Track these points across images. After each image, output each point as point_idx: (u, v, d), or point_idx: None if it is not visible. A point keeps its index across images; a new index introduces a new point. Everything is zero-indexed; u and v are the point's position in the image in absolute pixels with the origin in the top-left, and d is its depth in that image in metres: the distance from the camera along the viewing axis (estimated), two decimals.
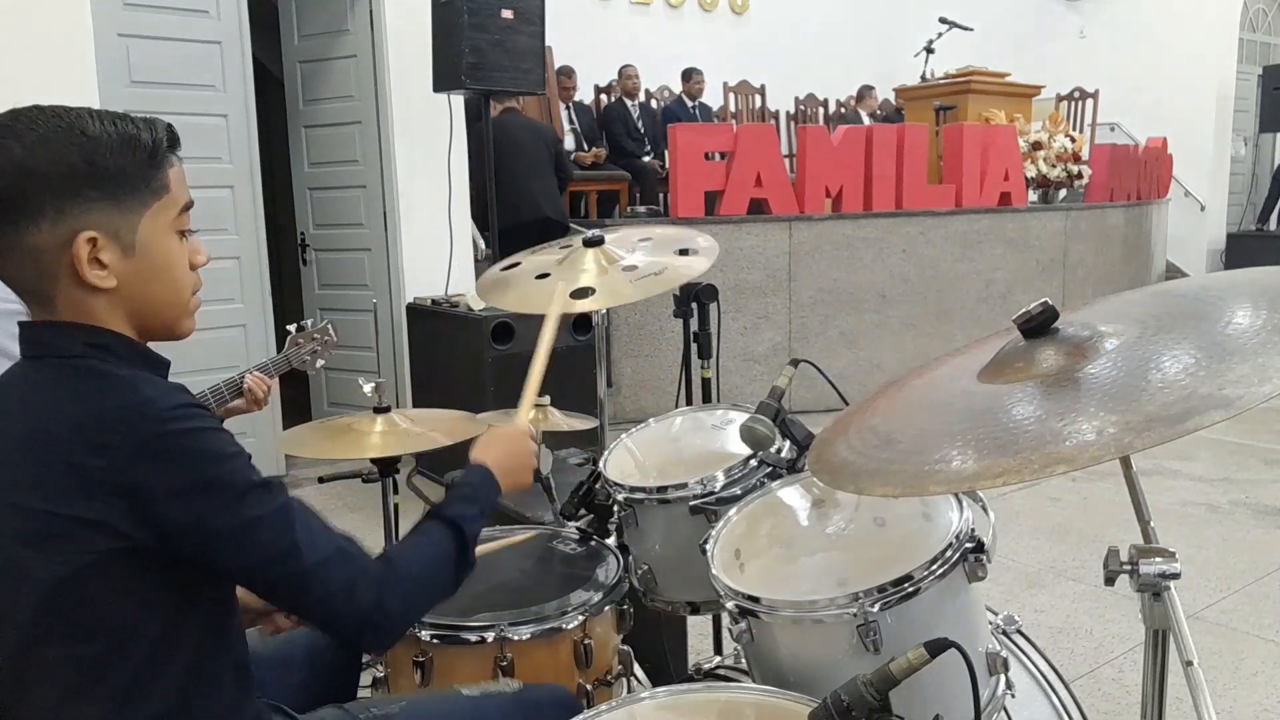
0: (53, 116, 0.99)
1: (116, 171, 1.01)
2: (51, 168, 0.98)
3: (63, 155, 0.98)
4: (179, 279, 1.09)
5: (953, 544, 1.18)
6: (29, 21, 3.84)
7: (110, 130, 1.01)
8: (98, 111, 1.03)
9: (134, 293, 1.05)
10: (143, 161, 1.03)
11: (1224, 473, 4.50)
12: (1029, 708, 1.47)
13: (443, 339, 4.49)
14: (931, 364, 1.28)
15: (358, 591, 1.07)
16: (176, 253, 1.08)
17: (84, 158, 0.99)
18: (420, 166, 5.01)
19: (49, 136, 0.98)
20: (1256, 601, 3.10)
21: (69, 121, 0.99)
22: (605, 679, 1.55)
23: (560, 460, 2.46)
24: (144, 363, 1.07)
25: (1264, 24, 11.01)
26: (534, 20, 4.56)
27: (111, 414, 0.97)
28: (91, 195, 1.00)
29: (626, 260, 1.90)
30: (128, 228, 1.03)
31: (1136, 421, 0.86)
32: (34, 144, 0.97)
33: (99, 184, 1.00)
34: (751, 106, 8.49)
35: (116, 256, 1.02)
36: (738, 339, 5.69)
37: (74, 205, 0.99)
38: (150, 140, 1.04)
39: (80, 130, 0.99)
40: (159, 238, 1.05)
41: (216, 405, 2.27)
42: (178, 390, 1.02)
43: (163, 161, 1.05)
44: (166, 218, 1.06)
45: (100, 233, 1.00)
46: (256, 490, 1.02)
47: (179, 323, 1.11)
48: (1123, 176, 7.65)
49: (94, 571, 0.98)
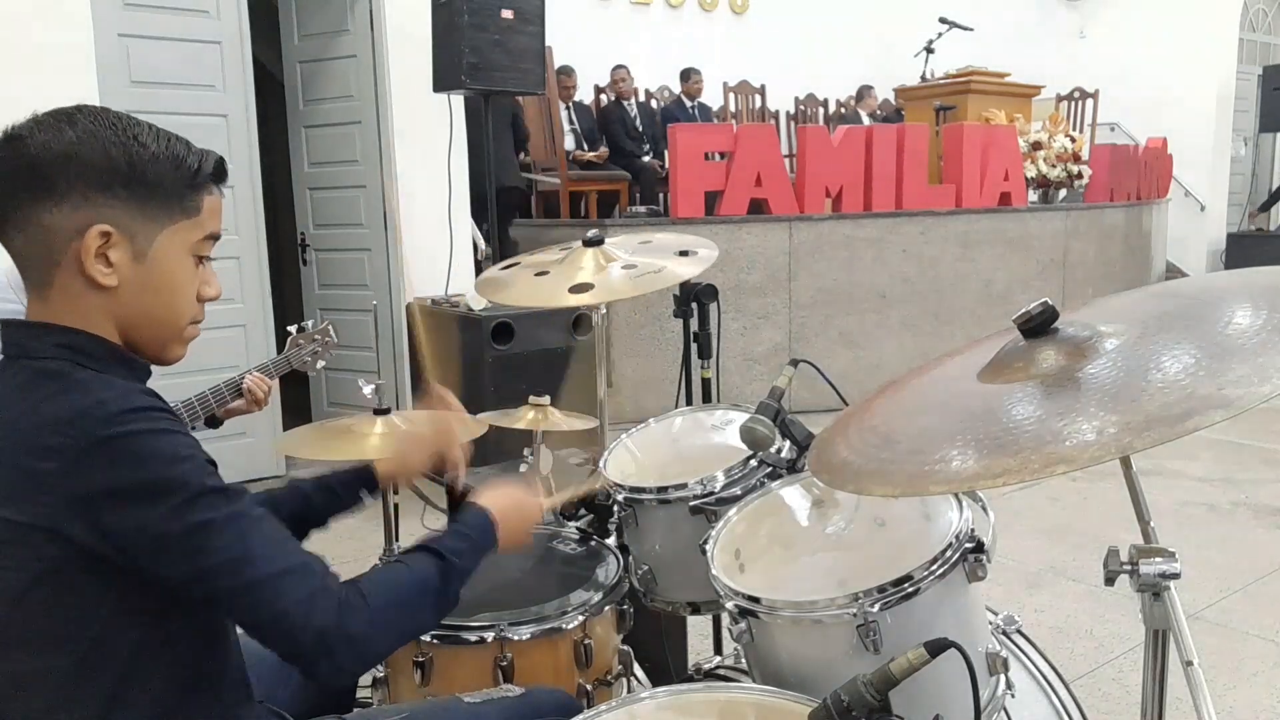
0: (114, 118, 1.04)
1: (152, 179, 1.03)
2: (93, 157, 1.00)
3: (108, 150, 1.01)
4: (180, 301, 1.09)
5: (953, 544, 1.18)
6: (29, 21, 3.84)
7: (161, 144, 1.05)
8: (160, 130, 1.07)
9: (131, 299, 1.05)
10: (181, 179, 1.05)
11: (1224, 473, 4.50)
12: (1029, 708, 1.47)
13: (443, 339, 4.49)
14: (931, 364, 1.28)
15: (316, 609, 0.99)
16: (186, 274, 1.08)
17: (126, 159, 1.02)
18: (420, 166, 5.01)
19: (101, 132, 1.02)
20: (1256, 601, 3.10)
21: (126, 126, 1.03)
22: (605, 679, 1.55)
23: (560, 460, 2.46)
24: (120, 366, 1.05)
25: (1264, 24, 11.01)
26: (534, 20, 4.57)
27: (62, 416, 0.96)
28: (121, 194, 1.02)
29: (625, 259, 1.90)
30: (145, 235, 1.04)
31: (1136, 422, 0.86)
32: (85, 134, 1.01)
33: (131, 185, 1.02)
34: (751, 106, 8.49)
35: (125, 258, 1.03)
36: (738, 339, 5.69)
37: (100, 197, 1.01)
38: (195, 164, 1.07)
39: (134, 136, 1.03)
40: (173, 254, 1.06)
41: (217, 405, 2.27)
42: (138, 393, 1.00)
43: (201, 186, 1.08)
44: (187, 238, 1.07)
45: (116, 230, 1.02)
46: (209, 495, 0.98)
47: (168, 345, 1.11)
48: (1123, 176, 7.65)
49: (51, 580, 0.96)
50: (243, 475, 4.55)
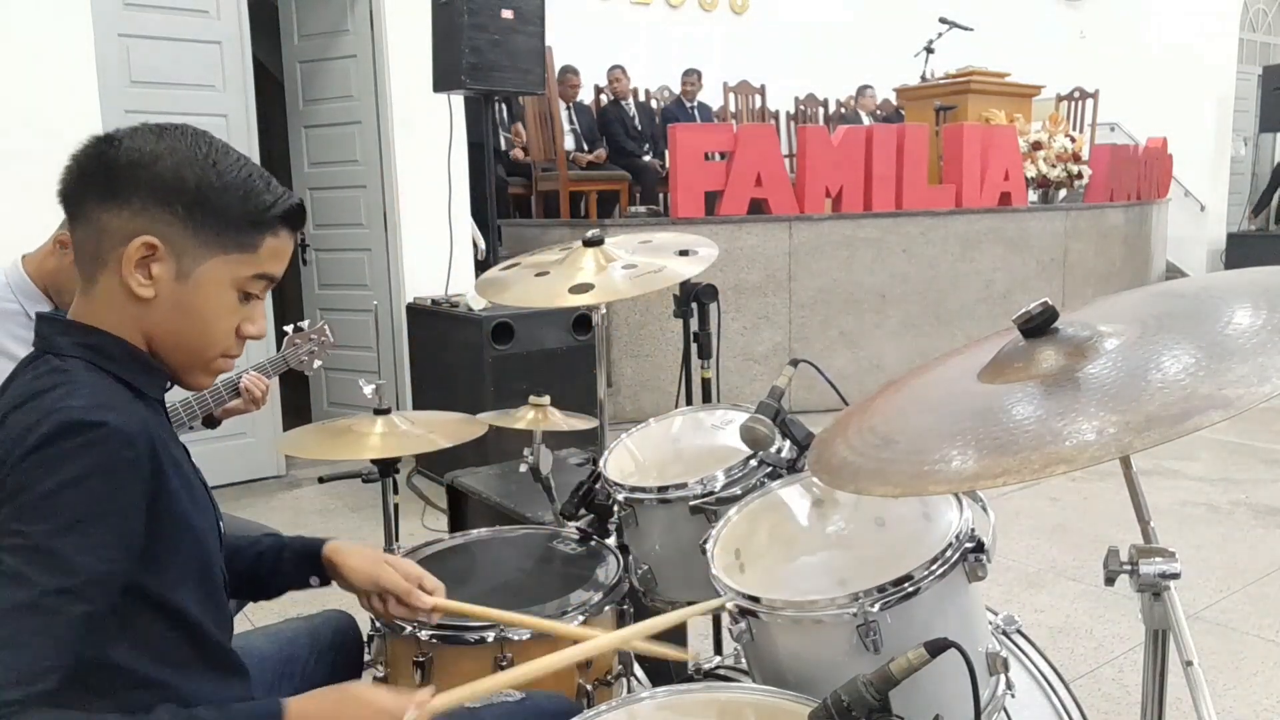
0: (204, 141, 1.06)
1: (216, 206, 1.04)
2: (163, 172, 1.03)
3: (181, 170, 1.04)
4: (214, 330, 1.09)
5: (953, 544, 1.18)
6: (29, 21, 3.84)
7: (239, 175, 1.06)
8: (250, 165, 1.08)
9: (164, 316, 1.06)
10: (246, 214, 1.06)
11: (1224, 473, 4.50)
12: (1029, 708, 1.47)
13: (443, 339, 4.50)
14: (931, 364, 1.28)
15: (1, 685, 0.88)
16: (224, 306, 1.08)
17: (196, 181, 1.03)
18: (420, 166, 5.01)
19: (183, 150, 1.04)
20: (1256, 601, 3.10)
21: (211, 151, 1.05)
22: (605, 679, 1.55)
23: (560, 460, 2.46)
24: (138, 369, 1.06)
25: (1264, 24, 11.01)
26: (534, 20, 4.57)
27: (28, 408, 0.97)
28: (180, 212, 1.03)
29: (625, 259, 1.90)
30: (194, 257, 1.05)
31: (1136, 421, 0.86)
32: (166, 149, 1.04)
33: (192, 207, 1.03)
34: (751, 106, 8.49)
35: (167, 275, 1.04)
36: (738, 339, 5.69)
37: (159, 211, 1.03)
38: (266, 204, 1.07)
39: (213, 162, 1.05)
40: (217, 283, 1.07)
41: (214, 405, 2.27)
42: (115, 410, 0.98)
43: (265, 226, 1.08)
44: (236, 273, 1.07)
45: (164, 245, 1.03)
46: (40, 550, 0.90)
47: (192, 371, 1.11)
48: (1123, 176, 7.65)
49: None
50: (243, 475, 4.56)
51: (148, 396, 1.08)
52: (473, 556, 1.79)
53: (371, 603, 1.35)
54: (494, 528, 1.92)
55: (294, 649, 1.46)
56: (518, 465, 1.94)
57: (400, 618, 1.37)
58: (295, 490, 4.51)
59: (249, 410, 2.34)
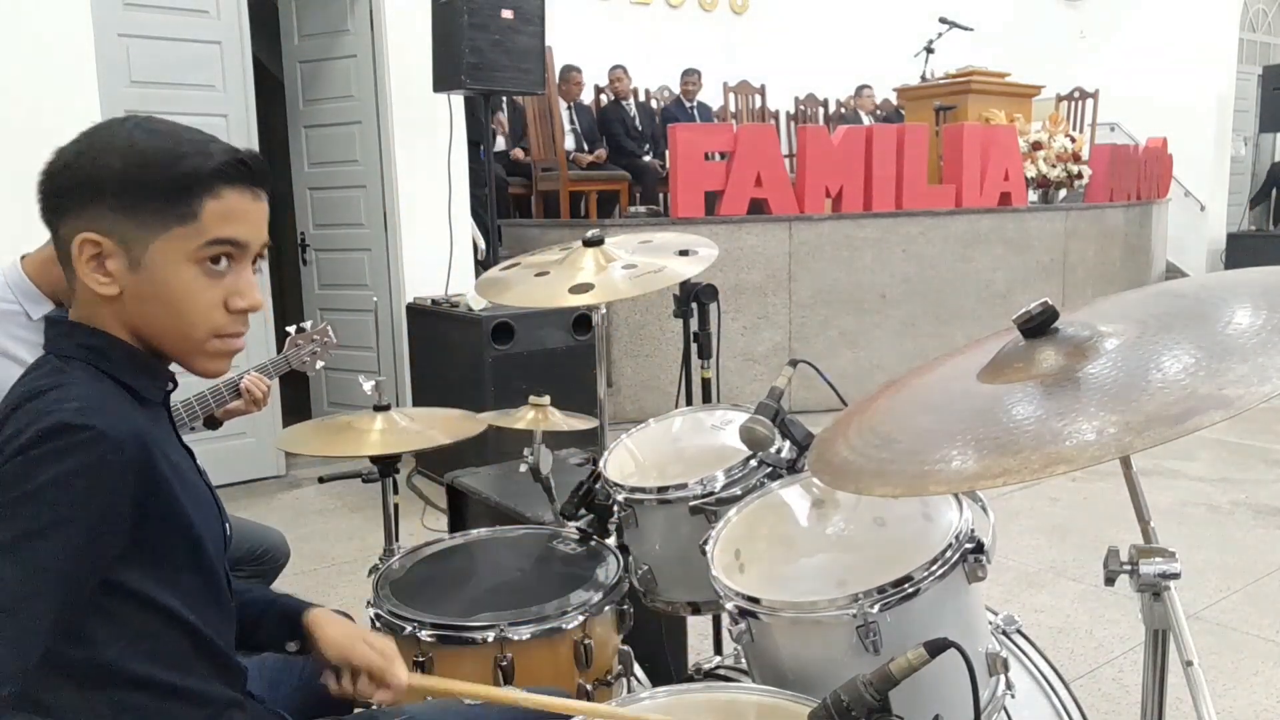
0: (120, 124, 1.03)
1: (145, 185, 1.01)
2: (87, 166, 1.01)
3: (102, 159, 1.01)
4: (188, 311, 1.04)
5: (953, 544, 1.18)
6: (29, 21, 3.84)
7: (163, 145, 1.02)
8: (175, 129, 1.04)
9: (136, 309, 1.04)
10: (174, 180, 1.01)
11: (1224, 473, 4.50)
12: (1029, 708, 1.47)
13: (443, 339, 4.50)
14: (931, 364, 1.28)
15: None
16: (191, 284, 1.04)
17: (124, 167, 1.00)
18: (420, 166, 5.02)
19: (102, 139, 1.02)
20: (1256, 601, 3.10)
21: (131, 130, 1.02)
22: (605, 679, 1.55)
23: (560, 460, 2.45)
24: (138, 370, 1.06)
25: (1264, 24, 11.01)
26: (534, 20, 4.57)
27: (25, 409, 0.97)
28: (112, 202, 1.01)
29: (625, 259, 1.90)
30: (139, 243, 1.02)
31: (1136, 421, 0.86)
32: (87, 145, 1.02)
33: (120, 193, 1.01)
34: (751, 106, 8.49)
35: (122, 267, 1.02)
36: (738, 339, 5.69)
37: (91, 206, 1.01)
38: (194, 164, 1.01)
39: (132, 142, 1.01)
40: (170, 263, 1.03)
41: (215, 406, 2.27)
42: (105, 413, 0.97)
43: (201, 188, 1.02)
44: (185, 246, 1.02)
45: (108, 239, 1.01)
46: (32, 541, 0.91)
47: (191, 357, 1.08)
48: (1123, 176, 7.65)
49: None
50: (243, 475, 4.56)
51: (148, 400, 1.08)
52: (473, 556, 1.79)
53: (340, 682, 1.25)
54: (494, 528, 1.92)
55: None
56: (518, 465, 1.93)
57: (366, 700, 1.28)
58: (295, 490, 4.51)
59: (250, 411, 2.34)
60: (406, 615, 1.49)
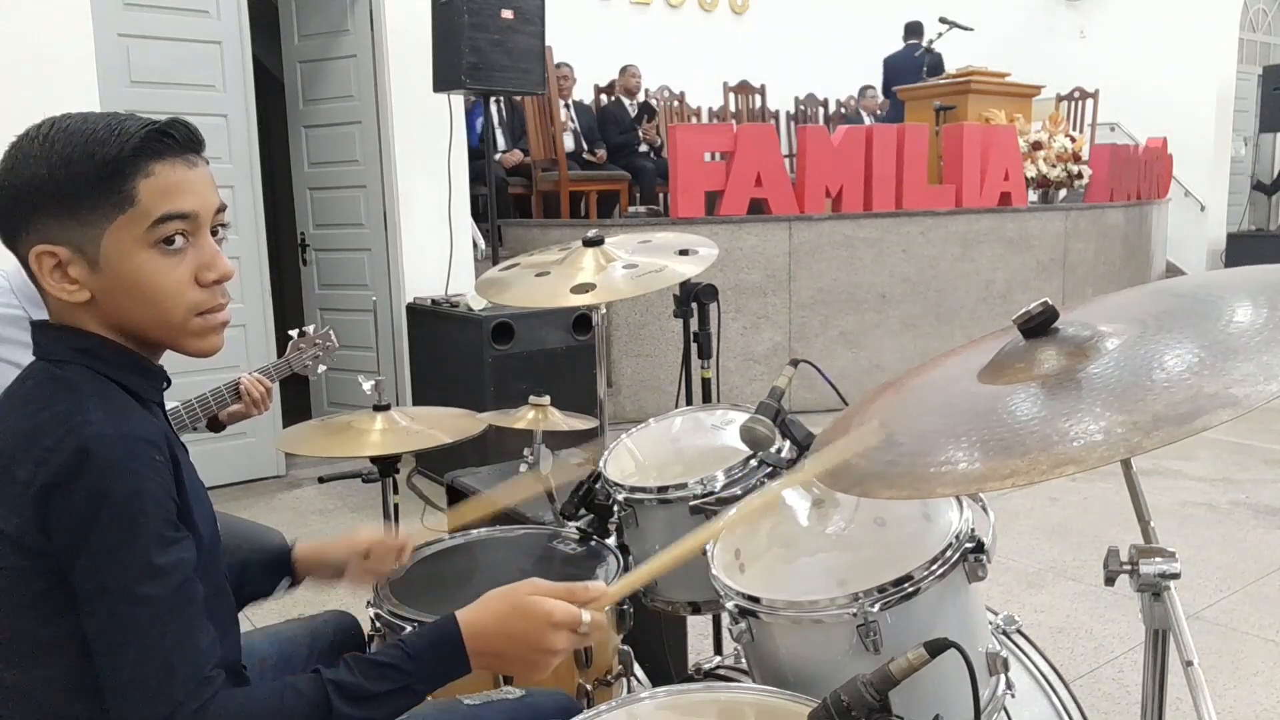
0: (42, 129, 0.99)
1: (77, 183, 0.97)
2: (25, 182, 0.97)
3: (35, 170, 0.97)
4: (160, 295, 1.01)
5: (953, 544, 1.18)
6: (29, 21, 3.84)
7: (80, 140, 0.97)
8: (88, 118, 1.00)
9: (111, 307, 1.02)
10: (99, 170, 0.97)
11: (1224, 473, 4.50)
12: (1029, 708, 1.47)
13: (443, 339, 4.50)
14: (931, 364, 1.27)
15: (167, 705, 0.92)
16: (154, 268, 1.00)
17: (50, 172, 0.97)
18: (420, 166, 5.02)
19: (23, 151, 0.98)
20: (1256, 601, 3.10)
21: (48, 132, 0.98)
22: (605, 679, 1.55)
23: (560, 460, 2.45)
24: (134, 371, 1.05)
25: (1264, 24, 11.01)
26: (534, 20, 4.57)
27: (47, 427, 0.95)
28: (53, 210, 0.97)
29: (625, 259, 1.90)
30: (90, 242, 0.98)
31: (1144, 421, 0.85)
32: (12, 162, 0.98)
33: (56, 197, 0.97)
34: (751, 106, 8.49)
35: (84, 271, 1.00)
36: (738, 339, 5.69)
37: (39, 219, 0.98)
38: (114, 149, 0.97)
39: (51, 143, 0.97)
40: (125, 253, 0.99)
41: (217, 407, 2.27)
42: (132, 417, 0.99)
43: (130, 170, 0.97)
44: (134, 233, 0.99)
45: (62, 247, 0.98)
46: (134, 566, 0.93)
47: (177, 341, 1.06)
48: (1123, 176, 7.64)
49: (20, 590, 0.95)
50: (243, 475, 4.56)
51: (146, 401, 1.07)
52: (473, 556, 1.79)
53: (361, 570, 1.38)
54: (494, 528, 1.92)
55: (294, 649, 1.46)
56: (518, 465, 1.93)
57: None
58: (295, 490, 4.50)
59: (252, 414, 2.33)
60: (407, 615, 1.48)
